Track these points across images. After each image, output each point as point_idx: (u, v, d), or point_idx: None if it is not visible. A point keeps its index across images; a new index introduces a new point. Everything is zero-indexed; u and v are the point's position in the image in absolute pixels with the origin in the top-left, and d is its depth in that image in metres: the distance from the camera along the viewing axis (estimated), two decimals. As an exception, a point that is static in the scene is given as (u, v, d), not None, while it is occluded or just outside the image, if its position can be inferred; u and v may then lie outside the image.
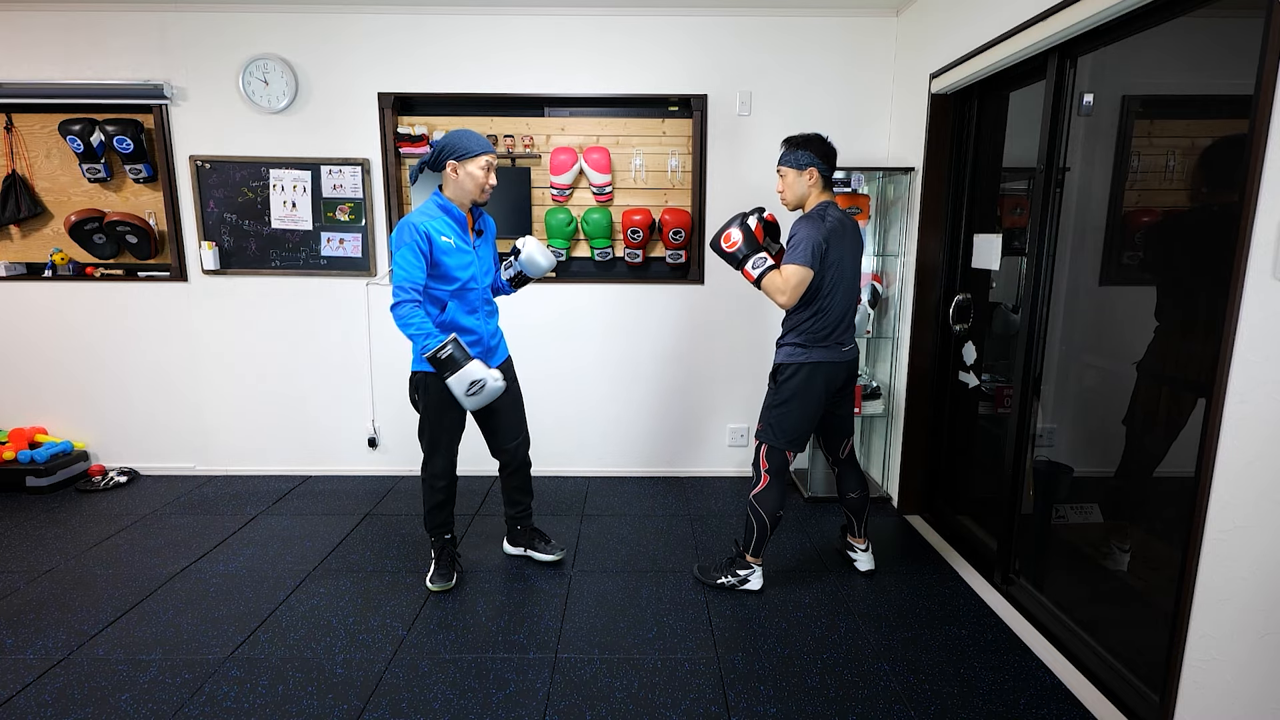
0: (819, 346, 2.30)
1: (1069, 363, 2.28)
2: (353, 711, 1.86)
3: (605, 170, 3.35)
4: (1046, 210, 2.21)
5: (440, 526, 2.53)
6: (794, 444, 2.36)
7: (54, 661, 2.07)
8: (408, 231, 2.16)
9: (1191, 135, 1.88)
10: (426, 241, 2.18)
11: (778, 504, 2.38)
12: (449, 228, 2.25)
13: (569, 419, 3.63)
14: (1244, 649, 1.43)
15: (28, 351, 3.54)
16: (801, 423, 2.34)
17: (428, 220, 2.21)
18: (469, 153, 2.21)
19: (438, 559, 2.54)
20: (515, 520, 2.72)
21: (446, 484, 2.47)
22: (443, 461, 2.43)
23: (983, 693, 1.95)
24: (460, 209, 2.29)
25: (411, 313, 2.14)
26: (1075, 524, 2.30)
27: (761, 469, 2.39)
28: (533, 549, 2.71)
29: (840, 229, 2.25)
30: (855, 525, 2.63)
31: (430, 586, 2.48)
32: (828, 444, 2.60)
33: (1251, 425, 1.41)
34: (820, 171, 2.28)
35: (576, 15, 3.27)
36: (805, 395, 2.32)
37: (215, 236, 3.44)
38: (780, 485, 2.38)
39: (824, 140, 2.30)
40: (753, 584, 2.47)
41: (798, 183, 2.31)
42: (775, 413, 2.36)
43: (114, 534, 2.94)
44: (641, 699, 1.92)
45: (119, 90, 3.25)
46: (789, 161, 2.31)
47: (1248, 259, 1.41)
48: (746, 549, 2.46)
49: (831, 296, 2.26)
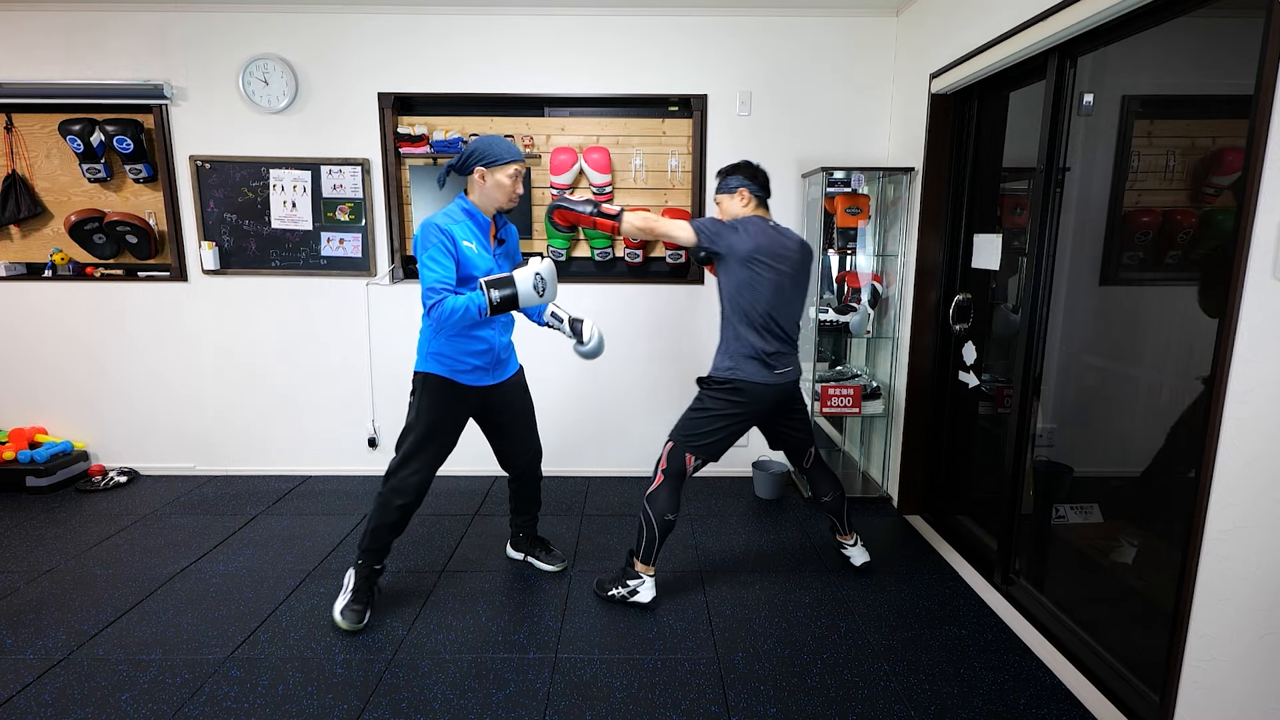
0: (749, 361, 2.25)
1: (1069, 362, 2.28)
2: (353, 711, 1.86)
3: (605, 170, 3.35)
4: (1046, 210, 2.21)
5: (376, 552, 2.28)
6: (700, 451, 2.30)
7: (54, 661, 2.07)
8: (434, 233, 2.09)
9: (1192, 135, 1.88)
10: (452, 242, 2.11)
11: (667, 507, 2.29)
12: (472, 233, 2.17)
13: (569, 419, 3.63)
14: (1244, 649, 1.43)
15: (28, 351, 3.54)
16: (715, 434, 2.29)
17: (452, 223, 2.14)
18: (498, 160, 2.14)
19: (356, 589, 2.25)
20: (520, 528, 2.68)
21: (407, 503, 2.21)
22: (415, 478, 2.21)
23: (983, 693, 1.95)
24: (485, 215, 2.23)
25: (444, 305, 2.02)
26: (1075, 524, 2.30)
27: (659, 466, 2.33)
28: (534, 557, 2.67)
29: (762, 238, 2.21)
30: (839, 524, 2.62)
31: (341, 622, 2.21)
32: (790, 457, 2.60)
33: (1251, 425, 1.41)
34: (751, 191, 2.32)
35: (576, 15, 3.28)
36: (725, 411, 2.27)
37: (215, 236, 3.44)
38: (673, 488, 2.31)
39: (751, 164, 2.36)
40: (642, 596, 2.34)
41: (731, 204, 2.34)
42: (689, 415, 2.33)
43: (114, 534, 2.94)
44: (641, 699, 1.92)
45: (119, 90, 3.26)
46: (722, 189, 2.36)
47: (1248, 259, 1.41)
48: (637, 555, 2.36)
49: (754, 309, 2.23)
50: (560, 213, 2.36)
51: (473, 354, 2.24)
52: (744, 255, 2.21)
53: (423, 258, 2.09)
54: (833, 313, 3.29)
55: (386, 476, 2.25)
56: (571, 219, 2.37)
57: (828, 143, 3.40)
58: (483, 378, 2.29)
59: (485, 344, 2.26)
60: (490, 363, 2.30)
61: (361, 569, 2.29)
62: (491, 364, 2.30)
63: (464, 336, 2.22)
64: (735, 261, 2.22)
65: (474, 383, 2.28)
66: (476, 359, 2.25)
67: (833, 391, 3.22)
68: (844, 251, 3.34)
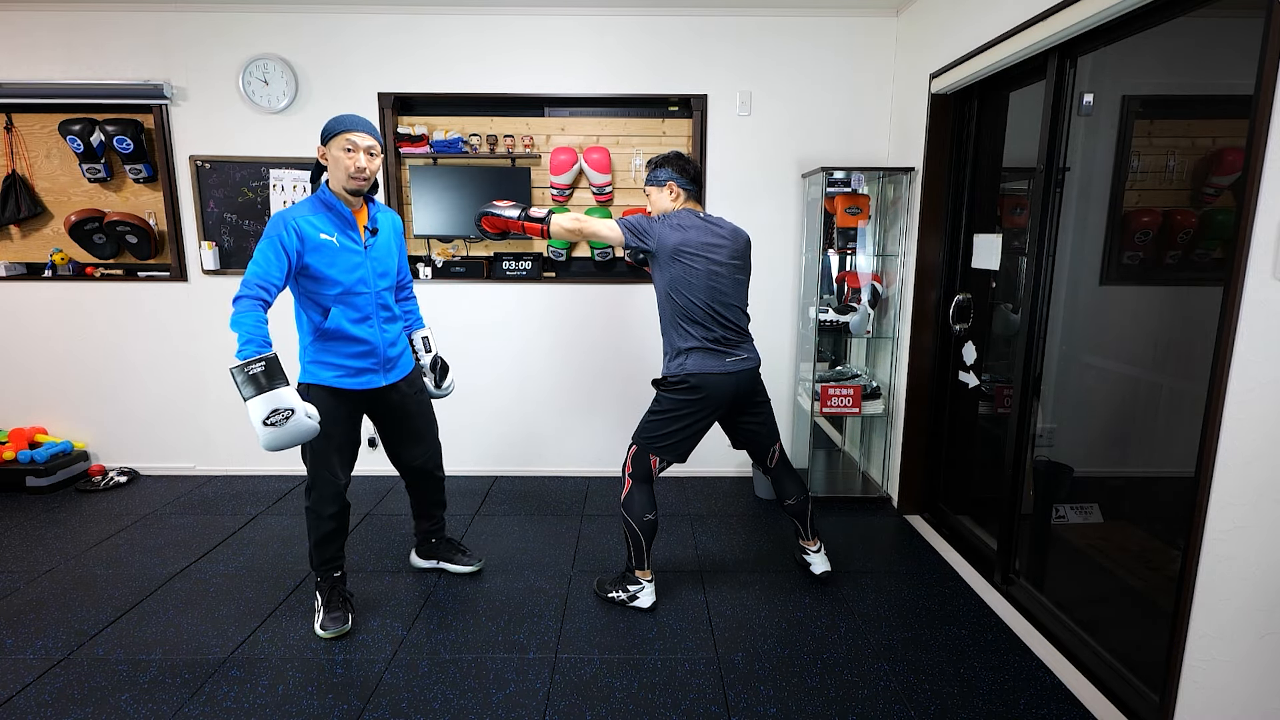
0: (697, 353, 2.21)
1: (1069, 363, 2.28)
2: (353, 711, 1.86)
3: (605, 170, 3.35)
4: (1046, 210, 2.21)
5: (329, 563, 2.24)
6: (663, 452, 2.27)
7: (54, 661, 2.07)
8: (276, 226, 1.94)
9: (1192, 135, 1.88)
10: (297, 238, 1.95)
11: (644, 508, 2.28)
12: (333, 224, 2.03)
13: (569, 418, 3.63)
14: (1244, 649, 1.43)
15: (28, 351, 3.54)
16: (676, 434, 2.26)
17: (304, 216, 1.99)
18: (330, 132, 1.99)
19: (327, 602, 2.23)
20: (429, 533, 2.56)
21: (335, 512, 2.17)
22: (329, 487, 2.14)
23: (983, 693, 1.95)
24: (345, 203, 2.06)
25: (247, 311, 1.85)
26: (1075, 524, 2.30)
27: (625, 472, 2.31)
28: (449, 561, 2.57)
29: (689, 231, 2.20)
30: (802, 529, 2.54)
31: (323, 634, 2.18)
32: (754, 455, 2.51)
33: (1251, 425, 1.41)
34: (679, 185, 2.29)
35: (576, 15, 3.28)
36: (683, 408, 2.24)
37: (215, 236, 3.44)
38: (643, 491, 2.29)
39: (681, 156, 2.34)
40: (642, 601, 2.33)
41: (660, 198, 2.32)
42: (650, 418, 2.29)
43: (114, 534, 2.94)
44: (641, 699, 1.92)
45: (119, 90, 3.25)
46: (650, 180, 2.34)
47: (1248, 259, 1.41)
48: (631, 563, 2.36)
49: (691, 301, 2.20)
50: (487, 219, 2.28)
51: (355, 355, 2.12)
52: (672, 249, 2.18)
53: (257, 247, 1.95)
54: (833, 313, 3.29)
55: (306, 492, 2.18)
56: (500, 225, 2.28)
57: (828, 143, 3.40)
58: (373, 379, 2.18)
59: (366, 345, 2.14)
60: (379, 363, 2.18)
61: (323, 584, 2.26)
62: (381, 364, 2.19)
63: (339, 339, 2.09)
64: (665, 256, 2.20)
65: (365, 385, 2.17)
66: (361, 360, 2.14)
67: (833, 391, 3.22)
68: (844, 251, 3.34)
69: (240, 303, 1.87)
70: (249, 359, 1.81)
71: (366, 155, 2.03)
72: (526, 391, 3.61)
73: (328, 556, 2.24)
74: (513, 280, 3.50)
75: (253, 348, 1.82)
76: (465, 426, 3.56)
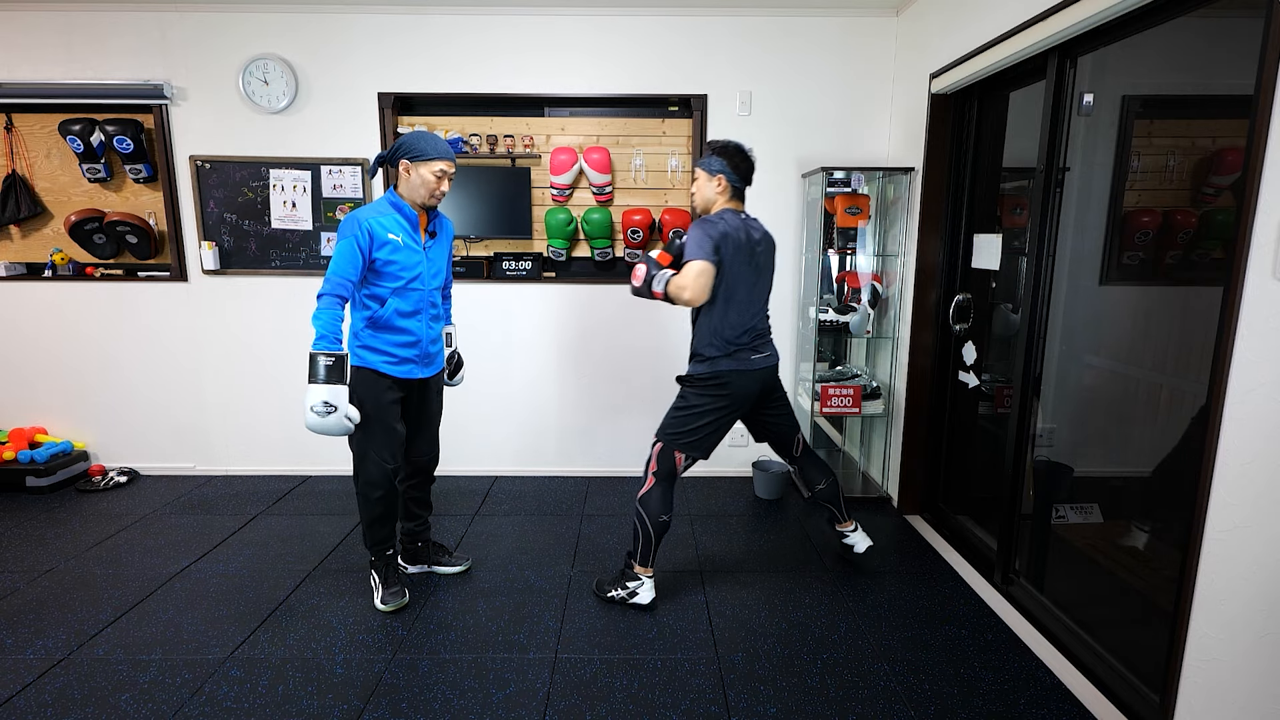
0: (726, 356, 2.25)
1: (1069, 363, 2.28)
2: (353, 711, 1.86)
3: (605, 170, 3.35)
4: (1046, 210, 2.21)
5: (381, 543, 2.37)
6: (689, 449, 2.29)
7: (54, 661, 2.07)
8: (349, 225, 2.12)
9: (1192, 135, 1.88)
10: (368, 238, 2.13)
11: (660, 508, 2.29)
12: (398, 225, 2.20)
13: (569, 418, 3.63)
14: (1244, 649, 1.43)
15: (28, 352, 3.54)
16: (702, 430, 2.28)
17: (375, 216, 2.17)
18: (423, 155, 2.17)
19: (385, 579, 2.37)
20: (416, 536, 2.58)
21: (383, 494, 2.29)
22: (376, 470, 2.26)
23: (983, 693, 1.95)
24: (412, 208, 2.24)
25: (326, 309, 2.06)
26: (1075, 524, 2.30)
27: (649, 469, 2.32)
28: (437, 564, 2.61)
29: (738, 234, 2.21)
30: (837, 512, 2.59)
31: (385, 608, 2.33)
32: (778, 446, 2.56)
33: (1251, 425, 1.41)
34: (729, 180, 2.27)
35: (576, 15, 3.28)
36: (708, 404, 2.27)
37: (215, 236, 3.44)
38: (665, 489, 2.31)
39: (741, 151, 2.29)
40: (642, 597, 2.35)
41: (706, 187, 2.29)
42: (675, 414, 2.31)
43: (114, 534, 2.94)
44: (641, 699, 1.92)
45: (119, 90, 3.25)
46: (703, 165, 2.30)
47: (1248, 259, 1.41)
48: (635, 558, 2.37)
49: (729, 301, 2.22)
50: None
51: (401, 345, 2.26)
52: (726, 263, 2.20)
53: (335, 247, 2.13)
54: (833, 313, 3.29)
55: (354, 477, 2.31)
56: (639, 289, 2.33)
57: (828, 143, 3.40)
58: (413, 370, 2.32)
59: (412, 335, 2.28)
60: (419, 355, 2.32)
61: (378, 563, 2.40)
62: (420, 356, 2.33)
63: (389, 330, 2.24)
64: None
65: (405, 375, 2.30)
66: (406, 350, 2.27)
67: (833, 391, 3.22)
68: (844, 251, 3.34)
69: (322, 300, 2.08)
70: (324, 351, 2.03)
71: (448, 180, 2.25)
72: (526, 391, 3.61)
73: (380, 537, 2.37)
74: (513, 280, 3.50)
75: (326, 343, 2.04)
76: (465, 426, 3.56)
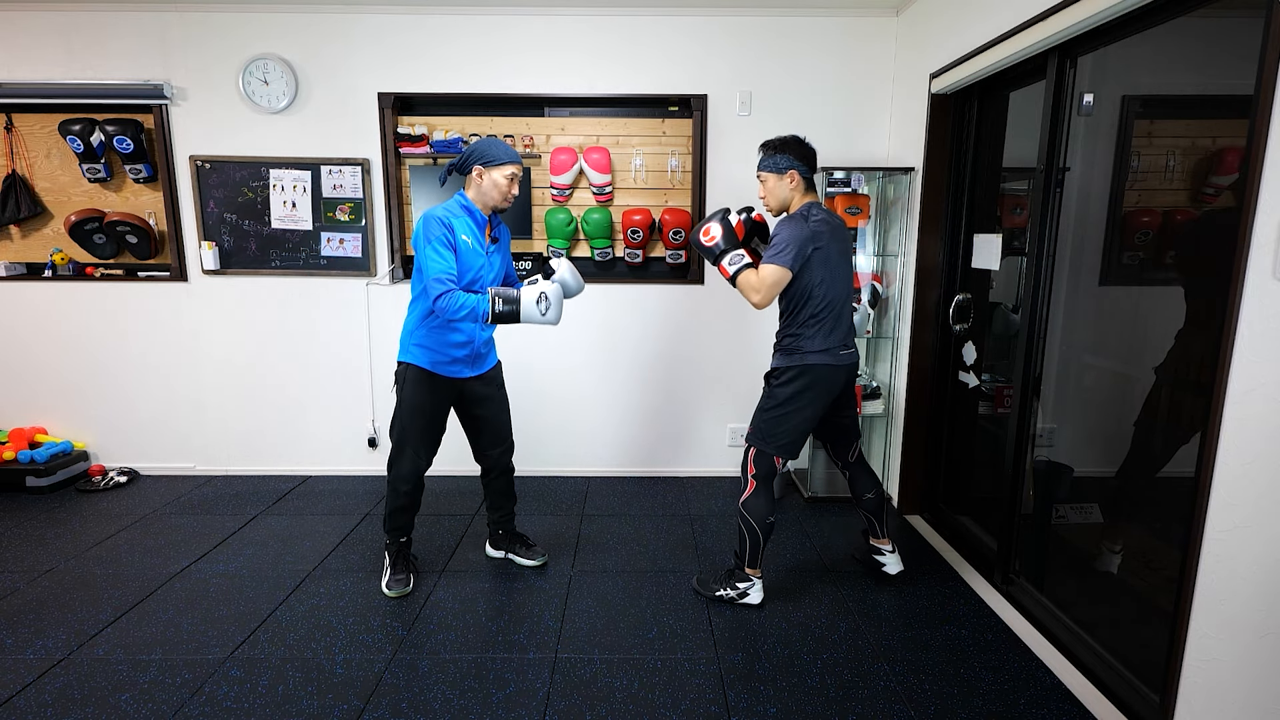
0: (816, 350, 2.23)
1: (1069, 363, 2.28)
2: (353, 711, 1.86)
3: (605, 170, 3.35)
4: (1046, 210, 2.21)
5: (399, 529, 2.49)
6: (784, 450, 2.27)
7: (54, 661, 2.07)
8: (435, 225, 2.19)
9: (1192, 135, 1.88)
10: (451, 234, 2.22)
11: (766, 510, 2.29)
12: (469, 227, 2.28)
13: (569, 419, 3.63)
14: (1244, 649, 1.43)
15: (28, 351, 3.54)
16: (795, 429, 2.26)
17: (452, 217, 2.25)
18: (496, 160, 2.25)
19: (393, 563, 2.50)
20: (498, 524, 2.72)
21: (410, 489, 2.42)
22: (409, 464, 2.38)
23: (983, 693, 1.95)
24: (482, 213, 2.33)
25: (453, 298, 2.14)
26: (1075, 524, 2.30)
27: (748, 474, 2.31)
28: (514, 554, 2.70)
29: (827, 229, 2.20)
30: (876, 526, 2.53)
31: (389, 592, 2.44)
32: (835, 449, 2.53)
33: (1251, 425, 1.41)
34: (801, 174, 2.23)
35: (576, 15, 3.27)
36: (801, 400, 2.25)
37: (215, 236, 3.44)
38: (767, 491, 2.30)
39: (802, 142, 2.26)
40: (752, 598, 2.38)
41: (779, 187, 2.26)
42: (767, 416, 2.29)
43: (114, 534, 2.94)
44: (641, 699, 1.92)
45: (119, 90, 3.25)
46: (768, 166, 2.26)
47: (1248, 259, 1.41)
48: (743, 561, 2.38)
49: (826, 298, 2.20)
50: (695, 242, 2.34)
51: (454, 345, 2.33)
52: (823, 259, 2.18)
53: (425, 249, 2.18)
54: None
55: (389, 465, 2.41)
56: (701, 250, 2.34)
57: (828, 143, 3.39)
58: (462, 370, 2.39)
59: (465, 336, 2.35)
60: (470, 355, 2.39)
61: (391, 546, 2.51)
62: (471, 357, 2.40)
63: (445, 329, 2.31)
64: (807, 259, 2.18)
65: (454, 374, 2.38)
66: (457, 350, 2.35)
67: (833, 391, 3.22)
68: (844, 251, 3.34)
69: (442, 297, 2.15)
70: (490, 308, 2.15)
71: (517, 183, 2.33)
72: (526, 391, 3.61)
73: (398, 524, 2.48)
74: (513, 280, 3.50)
75: (484, 303, 2.15)
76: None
